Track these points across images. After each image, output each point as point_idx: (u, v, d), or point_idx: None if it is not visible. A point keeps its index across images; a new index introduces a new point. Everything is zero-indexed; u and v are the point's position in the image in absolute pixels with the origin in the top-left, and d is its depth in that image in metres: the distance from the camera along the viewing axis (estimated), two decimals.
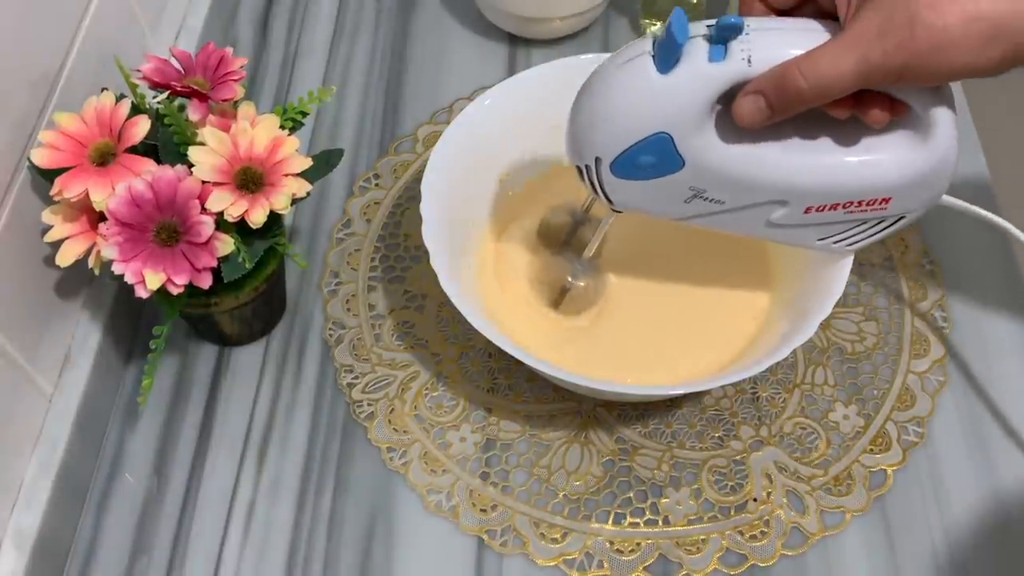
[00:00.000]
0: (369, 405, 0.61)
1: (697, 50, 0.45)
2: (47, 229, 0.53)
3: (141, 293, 0.51)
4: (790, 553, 0.56)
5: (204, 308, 0.58)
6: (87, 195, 0.51)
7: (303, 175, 0.55)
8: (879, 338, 0.64)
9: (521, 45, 0.79)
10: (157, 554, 0.56)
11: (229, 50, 0.57)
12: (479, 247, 0.63)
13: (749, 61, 0.45)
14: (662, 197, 0.51)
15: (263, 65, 0.78)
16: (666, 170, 0.49)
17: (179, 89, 0.54)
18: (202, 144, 0.53)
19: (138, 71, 0.55)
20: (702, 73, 0.45)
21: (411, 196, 0.70)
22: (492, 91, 0.63)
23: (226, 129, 0.54)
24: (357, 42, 0.79)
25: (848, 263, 0.55)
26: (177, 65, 0.57)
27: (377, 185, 0.71)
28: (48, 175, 0.52)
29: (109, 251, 0.50)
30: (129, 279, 0.51)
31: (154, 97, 0.56)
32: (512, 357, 0.52)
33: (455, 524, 0.57)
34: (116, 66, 0.55)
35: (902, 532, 0.57)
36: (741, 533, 0.57)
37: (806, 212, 0.51)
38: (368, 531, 0.57)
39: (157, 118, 0.54)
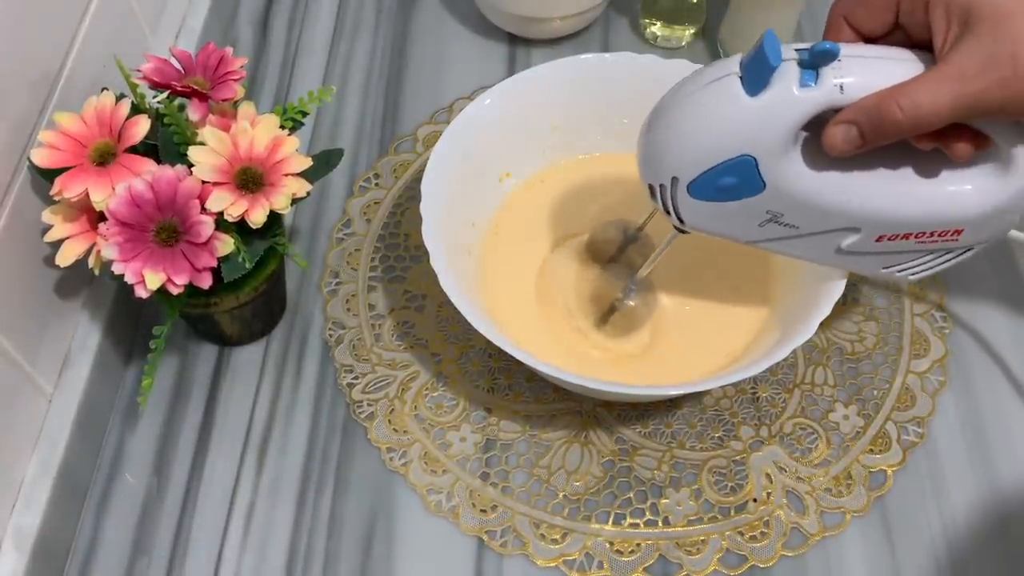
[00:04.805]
0: (369, 405, 0.61)
1: (788, 74, 0.44)
2: (47, 229, 0.53)
3: (141, 293, 0.51)
4: (790, 554, 0.56)
5: (204, 308, 0.58)
6: (87, 195, 0.51)
7: (303, 175, 0.54)
8: (879, 338, 0.64)
9: (521, 45, 0.79)
10: (157, 554, 0.56)
11: (229, 50, 0.57)
12: (479, 247, 0.63)
13: (842, 89, 0.44)
14: (737, 220, 0.49)
15: (263, 65, 0.78)
16: (746, 193, 0.47)
17: (179, 89, 0.54)
18: (202, 144, 0.53)
19: (138, 71, 0.55)
20: (793, 98, 0.44)
21: (411, 196, 0.70)
22: (492, 91, 0.63)
23: (226, 129, 0.54)
24: (357, 42, 0.79)
25: None
26: (177, 65, 0.57)
27: (377, 185, 0.71)
28: (48, 175, 0.51)
29: (109, 251, 0.50)
30: (129, 279, 0.50)
31: (154, 97, 0.56)
32: (512, 357, 0.52)
33: (455, 524, 0.57)
34: (116, 66, 0.55)
35: (902, 532, 0.57)
36: (741, 534, 0.57)
37: (877, 240, 0.49)
38: (368, 531, 0.57)
39: (157, 118, 0.54)
